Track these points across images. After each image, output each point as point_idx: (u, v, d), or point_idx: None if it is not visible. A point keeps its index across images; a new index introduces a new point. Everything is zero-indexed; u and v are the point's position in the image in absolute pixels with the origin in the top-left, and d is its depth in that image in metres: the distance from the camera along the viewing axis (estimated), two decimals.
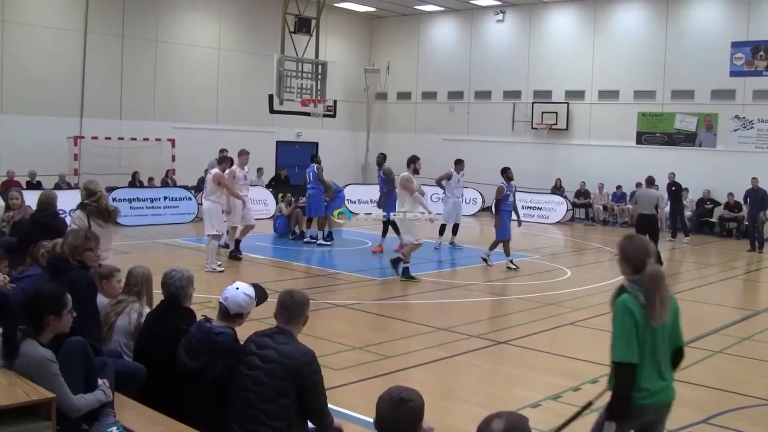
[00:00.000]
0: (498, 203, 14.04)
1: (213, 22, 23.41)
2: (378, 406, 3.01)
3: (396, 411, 2.95)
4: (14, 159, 18.10)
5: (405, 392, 3.02)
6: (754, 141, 20.50)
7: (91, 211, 8.07)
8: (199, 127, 22.21)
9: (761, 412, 6.70)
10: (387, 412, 2.97)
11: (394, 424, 2.95)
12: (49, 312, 4.18)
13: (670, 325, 4.06)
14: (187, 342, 4.41)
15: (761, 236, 17.98)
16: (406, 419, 2.96)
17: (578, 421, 4.45)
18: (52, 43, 19.72)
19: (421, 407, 3.02)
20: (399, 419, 2.95)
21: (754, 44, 20.36)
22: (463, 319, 9.73)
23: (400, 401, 2.96)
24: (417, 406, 2.99)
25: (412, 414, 2.97)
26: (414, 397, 3.00)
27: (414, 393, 3.04)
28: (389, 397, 2.99)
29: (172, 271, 4.96)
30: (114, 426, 4.15)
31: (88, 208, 8.09)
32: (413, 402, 2.98)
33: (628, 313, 3.94)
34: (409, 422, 2.97)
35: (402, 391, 3.02)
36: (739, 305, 12.26)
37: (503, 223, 13.76)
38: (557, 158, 23.56)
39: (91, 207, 8.09)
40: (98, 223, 8.05)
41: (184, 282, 4.90)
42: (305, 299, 4.34)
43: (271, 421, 3.98)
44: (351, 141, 27.48)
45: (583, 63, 23.23)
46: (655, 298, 3.89)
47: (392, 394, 3.01)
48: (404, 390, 3.03)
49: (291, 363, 4.02)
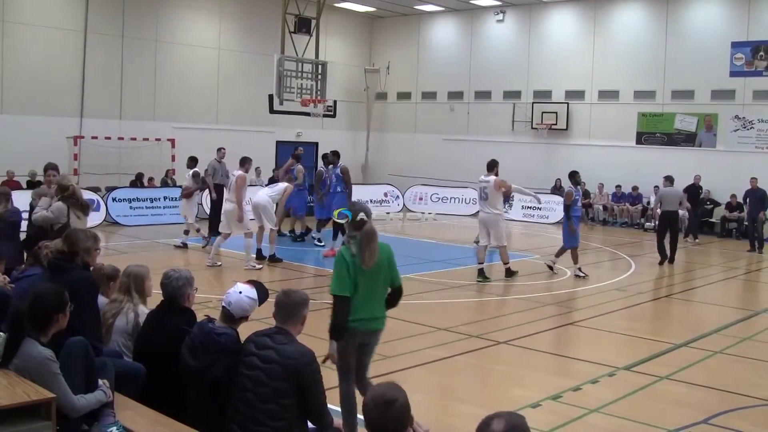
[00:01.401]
0: (567, 208, 13.28)
1: (213, 22, 23.41)
2: (364, 412, 2.96)
3: (384, 414, 2.91)
4: (14, 159, 18.08)
5: (387, 393, 2.96)
6: (753, 141, 20.50)
7: (73, 204, 8.39)
8: (199, 127, 22.20)
9: (761, 412, 6.70)
10: (375, 416, 2.93)
11: (383, 427, 2.93)
12: (56, 311, 4.23)
13: (386, 269, 5.30)
14: (190, 342, 4.42)
15: (761, 236, 17.99)
16: (395, 419, 2.93)
17: (578, 422, 4.44)
18: (52, 42, 19.71)
19: (407, 403, 2.97)
20: (388, 421, 2.92)
21: (754, 44, 20.36)
22: (463, 319, 9.73)
23: (385, 404, 2.92)
24: (402, 403, 2.95)
25: (399, 413, 2.93)
26: (397, 396, 2.95)
27: (396, 391, 2.99)
28: (373, 403, 2.94)
29: (171, 271, 4.95)
30: (114, 426, 4.14)
31: (70, 200, 8.37)
32: (398, 401, 2.94)
33: (342, 259, 5.16)
34: (399, 421, 2.94)
35: (384, 392, 2.97)
36: (739, 305, 12.25)
37: (571, 229, 13.09)
38: (557, 158, 23.54)
39: (73, 200, 8.40)
40: (77, 215, 8.42)
41: (181, 282, 4.88)
42: (303, 299, 4.34)
43: (271, 421, 3.98)
44: (351, 141, 27.46)
45: (583, 63, 23.23)
46: (365, 250, 5.12)
47: (375, 398, 2.95)
48: (386, 390, 2.98)
49: (291, 363, 4.02)
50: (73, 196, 8.49)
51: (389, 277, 5.35)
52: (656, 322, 10.60)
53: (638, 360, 8.09)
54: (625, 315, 10.81)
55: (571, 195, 13.26)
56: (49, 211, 8.38)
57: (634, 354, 8.45)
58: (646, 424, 6.11)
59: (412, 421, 3.04)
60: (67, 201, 8.39)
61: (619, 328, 9.85)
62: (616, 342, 9.20)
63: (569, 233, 13.19)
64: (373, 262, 5.13)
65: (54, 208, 8.39)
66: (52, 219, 8.30)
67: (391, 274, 5.35)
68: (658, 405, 6.68)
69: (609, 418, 6.27)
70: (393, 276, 5.37)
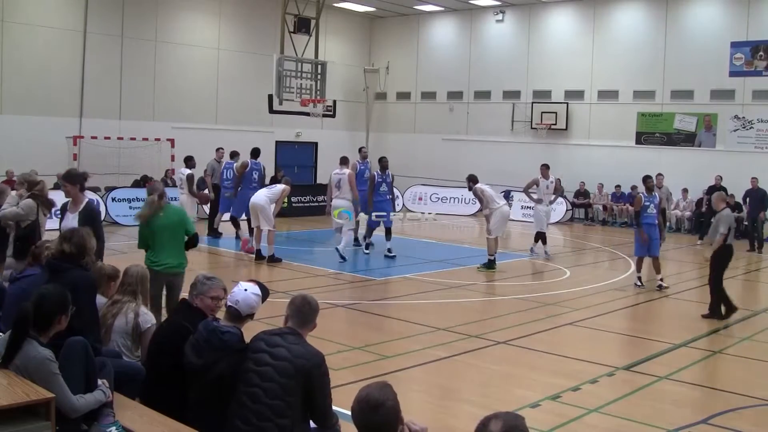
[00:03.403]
0: (637, 215, 12.57)
1: (212, 22, 23.40)
2: (353, 416, 2.95)
3: (370, 418, 2.90)
4: (13, 159, 18.05)
5: (373, 396, 2.94)
6: (753, 141, 20.50)
7: (43, 202, 8.55)
8: (198, 127, 22.20)
9: (761, 412, 6.70)
10: (361, 420, 2.92)
11: (370, 430, 2.92)
12: (60, 312, 4.25)
13: (172, 227, 7.29)
14: (194, 340, 4.44)
15: (761, 236, 18.00)
16: (382, 423, 2.92)
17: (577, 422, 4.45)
18: (51, 43, 19.71)
19: (395, 406, 2.95)
20: (378, 425, 2.91)
21: (753, 44, 20.36)
22: (463, 319, 9.73)
23: (371, 408, 2.90)
24: (389, 407, 2.93)
25: (386, 417, 2.92)
26: (383, 400, 2.93)
27: (383, 393, 2.96)
28: (359, 406, 2.93)
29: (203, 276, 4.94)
30: (113, 426, 4.14)
31: (40, 198, 8.49)
32: (384, 405, 2.92)
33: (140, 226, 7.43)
34: (386, 424, 2.93)
35: (369, 395, 2.94)
36: (739, 305, 12.24)
37: (643, 238, 12.32)
38: (557, 158, 23.47)
39: (43, 198, 8.54)
40: (44, 212, 8.60)
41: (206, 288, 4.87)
42: (318, 306, 4.42)
43: (275, 417, 4.00)
44: (350, 141, 27.42)
45: (583, 63, 23.23)
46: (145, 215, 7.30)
47: (361, 401, 2.94)
48: (372, 393, 2.95)
49: (301, 363, 4.06)
50: (42, 193, 8.61)
51: (183, 231, 7.36)
52: (656, 322, 10.59)
53: (637, 360, 8.09)
54: (625, 315, 10.82)
55: (640, 201, 12.52)
56: (19, 208, 8.42)
57: (634, 354, 8.46)
58: (645, 424, 6.11)
59: (402, 421, 3.02)
60: (37, 198, 8.47)
61: (618, 328, 9.86)
62: (616, 342, 9.21)
63: (640, 242, 12.42)
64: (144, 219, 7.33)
65: (24, 205, 8.42)
66: (22, 215, 8.35)
67: (182, 229, 7.35)
68: (658, 405, 6.68)
69: (608, 418, 6.27)
70: (188, 229, 7.39)
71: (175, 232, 7.32)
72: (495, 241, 13.77)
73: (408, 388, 6.63)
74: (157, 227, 7.26)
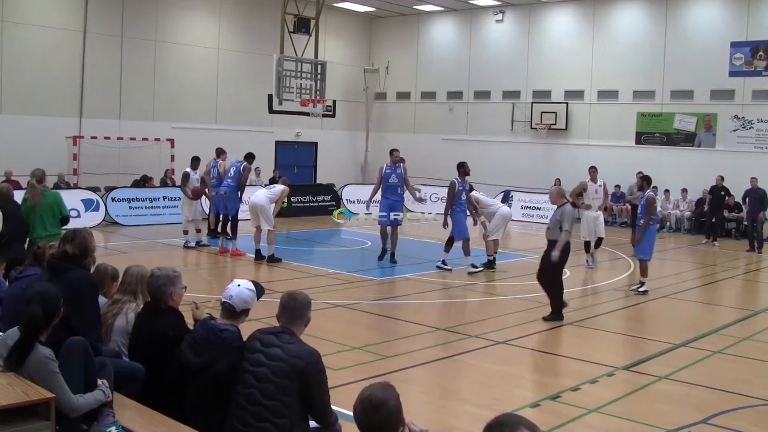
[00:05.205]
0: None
1: (212, 22, 23.40)
2: (354, 415, 2.95)
3: (372, 418, 2.90)
4: (13, 159, 18.05)
5: (375, 396, 2.93)
6: (753, 141, 20.51)
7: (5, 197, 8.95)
8: (198, 127, 22.21)
9: (761, 412, 6.70)
10: (363, 419, 2.91)
11: (372, 429, 2.91)
12: (58, 310, 4.27)
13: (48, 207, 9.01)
14: (191, 339, 4.44)
15: (760, 236, 18.00)
16: (384, 423, 2.91)
17: (577, 422, 4.45)
18: (51, 42, 19.71)
19: (396, 406, 2.95)
20: (379, 424, 2.91)
21: (753, 44, 20.37)
22: (463, 319, 9.74)
23: (373, 408, 2.90)
24: (391, 406, 2.93)
25: (388, 417, 2.92)
26: (386, 399, 2.93)
27: (385, 393, 2.96)
28: (361, 406, 2.92)
29: (155, 269, 4.94)
30: (113, 426, 4.14)
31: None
32: (386, 405, 2.92)
33: None
34: (387, 424, 2.93)
35: (371, 395, 2.94)
36: (738, 305, 12.26)
37: None
38: (556, 158, 23.55)
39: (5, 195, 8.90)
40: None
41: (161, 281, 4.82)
42: (307, 301, 4.38)
43: (273, 418, 3.99)
44: (350, 141, 27.48)
45: (583, 63, 23.23)
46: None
47: (363, 400, 2.93)
48: (374, 393, 2.95)
49: (297, 362, 4.04)
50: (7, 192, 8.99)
51: (57, 212, 9.10)
52: (655, 322, 10.59)
53: (637, 360, 8.09)
54: (625, 315, 10.81)
55: (653, 200, 12.03)
56: None
57: (633, 354, 8.46)
58: (645, 424, 6.11)
59: (403, 421, 3.02)
60: None
61: (618, 328, 9.86)
62: (616, 342, 9.20)
63: (648, 245, 11.82)
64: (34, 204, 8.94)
65: None
66: None
67: (56, 210, 9.08)
68: (657, 405, 6.68)
69: (608, 418, 6.27)
70: (60, 211, 9.14)
71: None
72: (495, 242, 13.78)
73: (408, 388, 6.63)
74: None
